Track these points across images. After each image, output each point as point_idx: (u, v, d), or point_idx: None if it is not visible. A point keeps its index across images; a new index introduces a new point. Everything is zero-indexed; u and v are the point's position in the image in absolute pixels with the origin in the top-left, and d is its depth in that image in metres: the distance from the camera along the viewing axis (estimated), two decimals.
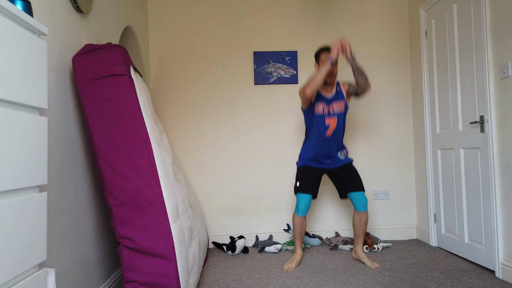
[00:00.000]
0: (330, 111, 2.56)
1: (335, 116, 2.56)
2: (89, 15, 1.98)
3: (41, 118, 1.09)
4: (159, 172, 1.76)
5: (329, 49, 2.53)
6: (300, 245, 2.65)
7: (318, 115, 2.57)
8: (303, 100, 2.57)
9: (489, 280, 2.21)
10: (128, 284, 1.66)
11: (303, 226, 2.62)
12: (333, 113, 2.55)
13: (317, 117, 2.57)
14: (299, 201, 2.59)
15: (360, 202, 2.58)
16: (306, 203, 2.58)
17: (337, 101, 2.57)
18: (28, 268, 0.99)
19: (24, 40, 1.01)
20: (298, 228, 2.62)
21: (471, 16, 2.50)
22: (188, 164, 3.25)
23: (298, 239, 2.64)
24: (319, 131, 2.58)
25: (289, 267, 2.52)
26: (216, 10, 3.31)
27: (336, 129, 2.57)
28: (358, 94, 2.53)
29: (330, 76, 2.52)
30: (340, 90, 2.60)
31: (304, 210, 2.58)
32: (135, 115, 1.76)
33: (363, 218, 2.60)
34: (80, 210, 1.78)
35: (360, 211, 2.59)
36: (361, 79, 2.44)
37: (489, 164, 2.33)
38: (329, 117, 2.55)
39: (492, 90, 2.32)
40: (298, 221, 2.61)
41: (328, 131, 2.56)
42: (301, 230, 2.62)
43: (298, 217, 2.60)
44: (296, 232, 2.63)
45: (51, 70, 1.55)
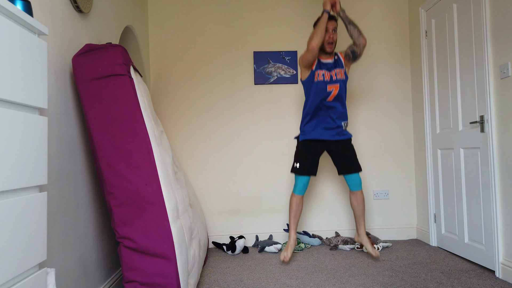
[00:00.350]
0: (332, 76, 2.57)
1: (337, 83, 2.58)
2: (89, 15, 1.98)
3: (41, 118, 1.09)
4: (159, 172, 1.76)
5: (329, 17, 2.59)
6: (294, 227, 2.64)
7: (319, 82, 2.57)
8: (305, 63, 2.56)
9: (489, 280, 2.21)
10: (128, 284, 1.66)
11: (300, 205, 2.64)
12: (335, 79, 2.58)
13: (317, 84, 2.57)
14: (298, 181, 2.62)
15: (354, 182, 2.64)
16: (304, 182, 2.63)
17: (338, 68, 2.60)
18: (28, 268, 0.99)
19: (24, 40, 1.01)
20: (294, 206, 2.62)
21: (471, 16, 2.50)
22: (188, 164, 3.25)
23: (293, 219, 2.64)
24: (321, 97, 2.57)
25: (285, 256, 2.53)
26: (216, 10, 3.31)
27: (338, 94, 2.59)
28: (355, 52, 2.56)
29: (330, 45, 2.56)
30: (338, 58, 2.65)
31: (302, 190, 2.62)
32: (135, 115, 1.76)
33: (359, 197, 2.65)
34: (80, 210, 1.78)
35: (355, 191, 2.65)
36: (354, 32, 2.51)
37: (489, 164, 2.33)
38: (331, 84, 2.57)
39: (492, 90, 2.32)
40: (295, 200, 2.63)
41: (330, 97, 2.57)
42: (297, 209, 2.63)
43: (295, 195, 2.63)
44: (292, 211, 2.63)
45: (51, 70, 1.55)
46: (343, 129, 2.64)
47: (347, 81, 2.67)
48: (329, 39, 2.56)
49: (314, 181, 3.30)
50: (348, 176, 2.66)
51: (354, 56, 2.60)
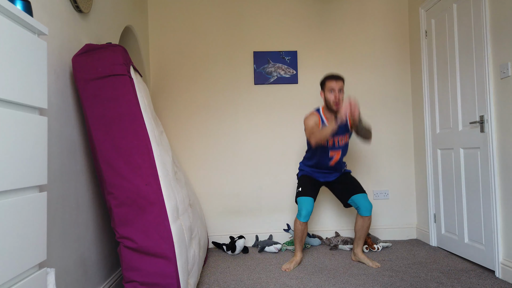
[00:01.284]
0: (335, 143, 2.57)
1: (339, 149, 2.60)
2: (89, 15, 1.98)
3: (41, 118, 1.09)
4: (159, 172, 1.76)
5: (334, 77, 2.52)
6: (300, 249, 2.64)
7: (322, 147, 2.57)
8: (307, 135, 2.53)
9: (489, 280, 2.21)
10: (128, 284, 1.66)
11: (305, 231, 2.59)
12: (338, 146, 2.58)
13: (321, 148, 2.58)
14: (302, 206, 2.54)
15: (364, 206, 2.52)
16: (308, 207, 2.52)
17: (342, 135, 2.58)
18: (28, 268, 0.99)
19: (24, 40, 1.01)
20: (299, 233, 2.58)
21: (471, 16, 2.50)
22: (188, 164, 3.25)
23: (298, 243, 2.63)
24: (323, 160, 2.62)
25: (288, 268, 2.52)
26: (216, 10, 3.31)
27: (340, 159, 2.63)
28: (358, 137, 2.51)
29: (336, 105, 2.50)
30: (346, 122, 2.57)
31: (306, 216, 2.53)
32: (135, 115, 1.76)
33: (366, 223, 2.55)
34: (80, 210, 1.78)
35: (364, 216, 2.54)
36: (365, 136, 2.44)
37: (489, 164, 2.33)
38: (333, 150, 2.58)
39: (492, 90, 2.32)
40: (300, 227, 2.56)
41: (332, 162, 2.61)
42: (302, 235, 2.59)
43: (300, 222, 2.55)
44: (297, 237, 2.60)
45: (51, 70, 1.55)
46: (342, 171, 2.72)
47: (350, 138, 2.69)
48: (335, 99, 2.50)
49: None
50: (355, 198, 2.56)
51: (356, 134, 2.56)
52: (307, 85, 3.32)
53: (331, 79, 2.51)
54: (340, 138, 2.58)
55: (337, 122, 2.30)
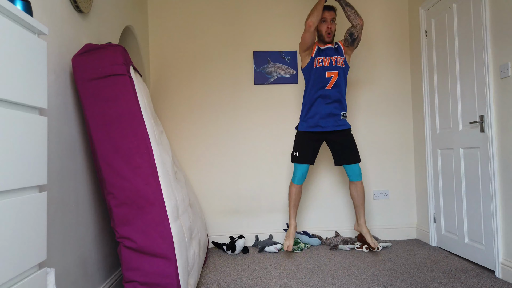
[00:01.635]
0: (331, 62, 2.59)
1: (336, 70, 2.60)
2: (89, 15, 1.98)
3: (41, 118, 1.09)
4: (159, 172, 1.76)
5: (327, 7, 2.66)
6: (294, 216, 2.69)
7: (318, 68, 2.61)
8: (303, 46, 2.59)
9: (489, 280, 2.21)
10: (128, 284, 1.66)
11: (299, 194, 2.68)
12: (335, 65, 2.60)
13: (316, 70, 2.61)
14: (297, 170, 2.64)
15: (354, 173, 2.66)
16: (303, 171, 2.65)
17: (337, 55, 2.63)
18: (28, 268, 0.99)
19: (24, 40, 1.01)
20: (293, 196, 2.66)
21: (471, 16, 2.50)
22: (188, 164, 3.25)
23: (293, 208, 2.68)
24: (320, 83, 2.60)
25: (288, 246, 2.59)
26: (216, 10, 3.31)
27: (337, 82, 2.61)
28: (352, 34, 2.58)
29: (328, 35, 2.61)
30: (338, 46, 2.67)
31: (301, 179, 2.65)
32: (135, 115, 1.76)
33: (359, 188, 2.67)
34: (80, 210, 1.78)
35: (355, 181, 2.67)
36: (351, 13, 2.55)
37: (489, 164, 2.33)
38: (330, 70, 2.60)
39: (492, 90, 2.32)
40: (294, 189, 2.67)
41: (329, 84, 2.60)
42: (296, 198, 2.67)
43: (294, 185, 2.67)
44: (292, 200, 2.67)
45: (51, 70, 1.55)
46: (341, 119, 2.66)
47: (347, 71, 2.69)
48: (327, 29, 2.62)
49: (314, 180, 3.30)
50: (347, 166, 2.68)
51: (352, 39, 2.62)
52: None
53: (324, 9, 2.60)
54: (337, 58, 2.61)
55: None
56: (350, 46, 2.67)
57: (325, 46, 2.66)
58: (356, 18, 2.56)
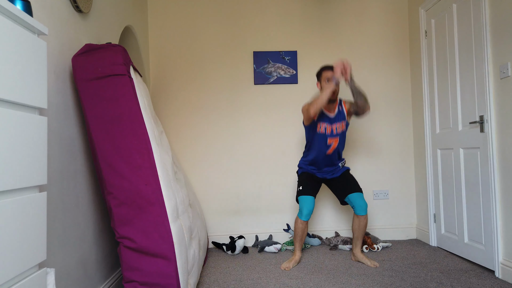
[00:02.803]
0: (332, 130, 2.60)
1: (337, 137, 2.62)
2: (89, 15, 1.98)
3: (41, 118, 1.09)
4: (159, 172, 1.76)
5: (330, 67, 2.58)
6: (299, 248, 2.66)
7: (320, 134, 2.61)
8: (306, 118, 2.60)
9: (489, 280, 2.21)
10: (128, 284, 1.66)
11: (305, 231, 2.62)
12: (335, 133, 2.61)
13: (319, 136, 2.62)
14: (303, 205, 2.58)
15: (359, 206, 2.56)
16: (309, 206, 2.56)
17: (339, 122, 2.62)
18: (28, 268, 0.99)
19: (24, 40, 1.01)
20: (299, 232, 2.60)
21: (470, 16, 2.50)
22: (188, 164, 3.25)
23: (298, 242, 2.64)
24: (321, 149, 2.63)
25: (287, 267, 2.53)
26: (216, 10, 3.31)
27: (337, 148, 2.64)
28: (358, 114, 2.57)
29: (333, 94, 2.55)
30: (342, 109, 2.65)
31: (308, 215, 2.56)
32: (135, 115, 1.76)
33: (363, 223, 2.59)
34: (80, 210, 1.78)
35: (359, 215, 2.58)
36: (360, 100, 2.46)
37: (489, 164, 2.33)
38: (331, 137, 2.61)
39: (492, 90, 2.32)
40: (300, 226, 2.59)
41: (330, 150, 2.63)
42: (302, 234, 2.61)
43: (301, 221, 2.59)
44: (297, 236, 2.62)
45: (51, 70, 1.55)
46: (340, 168, 2.73)
47: (347, 129, 2.73)
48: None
49: None
50: (350, 196, 2.60)
51: (356, 115, 2.60)
52: (307, 85, 3.32)
53: (327, 69, 2.59)
54: (338, 125, 2.61)
55: (333, 80, 2.42)
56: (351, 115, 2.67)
57: (328, 114, 2.61)
58: (364, 107, 2.49)
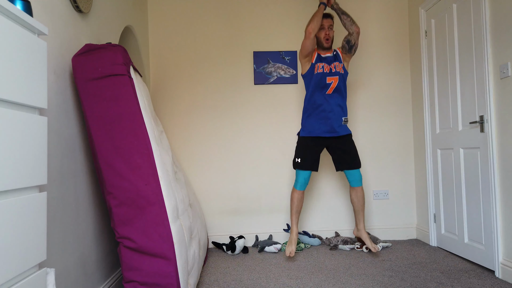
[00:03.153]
0: (331, 69, 2.65)
1: (336, 76, 2.65)
2: (89, 15, 1.98)
3: (41, 118, 1.09)
4: (159, 172, 1.76)
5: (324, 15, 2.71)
6: (296, 222, 2.69)
7: (318, 73, 2.65)
8: (304, 52, 2.63)
9: (489, 280, 2.21)
10: (127, 284, 1.66)
11: (301, 201, 2.69)
12: (334, 71, 2.65)
13: (317, 76, 2.65)
14: (299, 176, 2.66)
15: (355, 178, 2.68)
16: (305, 177, 2.66)
17: (336, 62, 2.68)
18: (28, 268, 0.99)
19: (24, 40, 1.01)
20: (296, 201, 2.67)
21: (470, 16, 2.50)
22: (188, 164, 3.25)
23: (295, 214, 2.68)
24: (321, 89, 2.65)
25: (291, 252, 2.59)
26: (216, 10, 3.31)
27: (337, 87, 2.65)
28: (349, 41, 2.65)
29: (327, 41, 2.68)
30: (337, 53, 2.74)
31: (303, 185, 2.66)
32: (135, 115, 1.76)
33: (359, 193, 2.70)
34: (80, 210, 1.78)
35: (355, 187, 2.69)
36: (347, 21, 2.62)
37: (489, 164, 2.33)
38: (330, 76, 2.64)
39: (492, 90, 2.32)
40: (297, 195, 2.67)
41: (329, 89, 2.64)
42: (298, 204, 2.67)
43: (297, 191, 2.67)
44: (294, 206, 2.67)
45: (51, 70, 1.55)
46: (342, 124, 2.69)
47: (346, 77, 2.74)
48: (325, 36, 2.68)
49: (314, 181, 3.30)
50: (348, 172, 2.70)
51: (349, 46, 2.68)
52: None
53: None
54: (336, 65, 2.67)
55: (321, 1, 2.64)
56: (348, 53, 2.73)
57: (325, 54, 2.71)
58: (352, 26, 2.63)
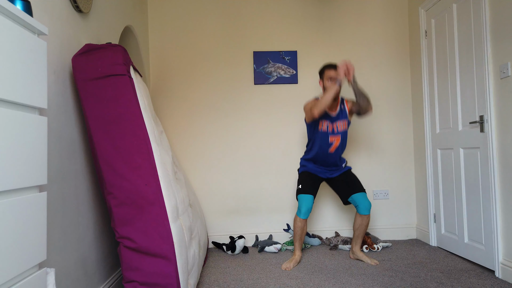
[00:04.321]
0: (334, 129, 2.61)
1: (339, 135, 2.62)
2: (89, 15, 1.98)
3: (41, 118, 1.09)
4: (159, 172, 1.76)
5: (333, 66, 2.60)
6: (299, 247, 2.66)
7: (322, 132, 2.61)
8: (308, 116, 2.61)
9: (489, 280, 2.21)
10: (128, 284, 1.66)
11: (304, 229, 2.62)
12: (337, 131, 2.62)
13: (321, 134, 2.62)
14: (301, 203, 2.59)
15: (363, 205, 2.57)
16: (308, 204, 2.57)
17: (341, 120, 2.63)
18: (28, 268, 0.99)
19: (24, 40, 1.01)
20: (298, 231, 2.61)
21: (470, 16, 2.50)
22: (188, 164, 3.25)
23: (298, 241, 2.65)
24: (322, 147, 2.63)
25: (287, 267, 2.53)
26: (216, 10, 3.31)
27: (339, 146, 2.64)
28: (360, 114, 2.58)
29: (334, 101, 2.60)
30: (344, 108, 2.66)
31: (306, 213, 2.57)
32: (135, 115, 1.76)
33: (365, 222, 2.60)
34: (80, 210, 1.78)
35: (363, 214, 2.59)
36: (363, 101, 2.49)
37: (489, 164, 2.33)
38: (333, 135, 2.61)
39: (492, 90, 2.32)
40: (299, 224, 2.60)
41: (331, 148, 2.63)
42: (301, 233, 2.62)
43: (299, 219, 2.60)
44: (297, 234, 2.63)
45: (51, 70, 1.55)
46: (342, 168, 2.73)
47: (349, 127, 2.74)
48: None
49: None
50: (354, 197, 2.61)
51: (358, 115, 2.63)
52: (307, 85, 3.32)
53: (330, 68, 2.60)
54: (340, 123, 2.62)
55: (337, 82, 2.45)
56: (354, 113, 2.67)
57: (330, 112, 2.62)
58: (367, 108, 2.52)
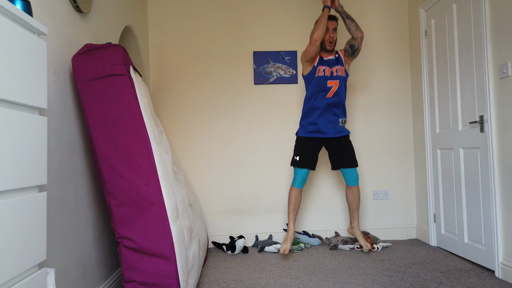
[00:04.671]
0: (333, 72, 2.66)
1: (337, 80, 2.66)
2: (89, 15, 1.98)
3: (41, 118, 1.09)
4: (159, 172, 1.76)
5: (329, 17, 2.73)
6: (293, 220, 2.71)
7: (320, 77, 2.66)
8: (307, 57, 2.65)
9: (489, 280, 2.21)
10: (127, 284, 1.66)
11: (299, 198, 2.71)
12: (336, 75, 2.66)
13: (318, 79, 2.66)
14: (297, 174, 2.68)
15: (351, 178, 2.72)
16: (303, 175, 2.68)
17: (338, 65, 2.69)
18: (28, 268, 0.99)
19: (23, 40, 1.01)
20: (293, 199, 2.69)
21: (470, 16, 2.50)
22: (188, 164, 3.25)
23: (292, 212, 2.70)
24: (321, 92, 2.66)
25: (285, 249, 2.58)
26: (216, 10, 3.31)
27: (338, 91, 2.67)
28: (353, 46, 2.66)
29: (330, 44, 2.69)
30: (339, 56, 2.75)
31: (301, 182, 2.68)
32: (135, 115, 1.76)
33: (355, 192, 2.73)
34: (80, 210, 1.78)
35: (352, 186, 2.72)
36: (352, 26, 2.62)
37: (489, 164, 2.33)
38: (331, 80, 2.66)
39: (492, 90, 2.32)
40: (294, 193, 2.69)
41: (329, 93, 2.65)
42: (296, 202, 2.69)
43: (294, 189, 2.69)
44: (291, 204, 2.69)
45: (51, 70, 1.55)
46: (340, 125, 2.72)
47: (347, 79, 2.76)
48: (329, 38, 2.69)
49: (314, 181, 3.30)
50: (345, 170, 2.74)
51: (352, 51, 2.69)
52: None
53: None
54: (337, 68, 2.68)
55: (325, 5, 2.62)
56: (350, 57, 2.75)
57: (327, 57, 2.72)
58: (356, 31, 2.63)
